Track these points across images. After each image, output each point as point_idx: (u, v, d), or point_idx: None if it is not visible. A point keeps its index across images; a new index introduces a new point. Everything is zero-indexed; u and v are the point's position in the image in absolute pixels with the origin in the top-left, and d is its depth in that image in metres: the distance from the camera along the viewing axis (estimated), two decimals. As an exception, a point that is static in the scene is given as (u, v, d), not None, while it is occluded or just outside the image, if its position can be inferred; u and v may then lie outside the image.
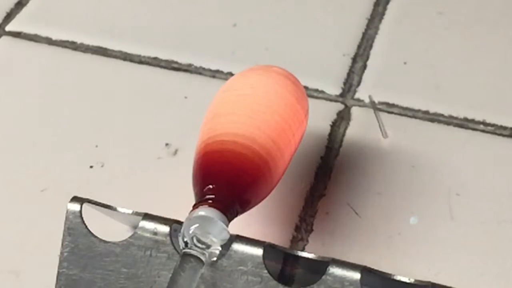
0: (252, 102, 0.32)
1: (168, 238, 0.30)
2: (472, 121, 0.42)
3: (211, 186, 0.30)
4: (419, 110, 0.42)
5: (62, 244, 0.31)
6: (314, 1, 0.49)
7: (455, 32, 0.47)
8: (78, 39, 0.47)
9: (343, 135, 0.41)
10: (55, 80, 0.45)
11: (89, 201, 0.31)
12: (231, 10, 0.49)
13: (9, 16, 0.49)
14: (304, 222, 0.37)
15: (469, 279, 0.34)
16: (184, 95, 0.43)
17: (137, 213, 0.30)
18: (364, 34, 0.47)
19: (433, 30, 0.47)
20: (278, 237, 0.36)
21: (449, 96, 0.43)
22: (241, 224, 0.31)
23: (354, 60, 0.45)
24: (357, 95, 0.43)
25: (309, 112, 0.35)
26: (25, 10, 0.49)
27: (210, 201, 0.29)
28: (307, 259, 0.30)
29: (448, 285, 0.28)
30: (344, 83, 0.44)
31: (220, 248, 0.28)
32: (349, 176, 0.39)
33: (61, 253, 0.31)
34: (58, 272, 0.31)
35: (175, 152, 0.40)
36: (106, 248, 0.30)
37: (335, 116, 0.42)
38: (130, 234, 0.30)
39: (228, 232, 0.28)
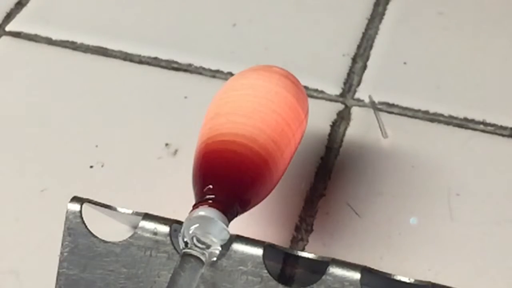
0: (252, 102, 0.32)
1: (168, 238, 0.30)
2: (472, 121, 0.42)
3: (211, 186, 0.30)
4: (419, 110, 0.42)
5: (62, 244, 0.31)
6: (314, 1, 0.49)
7: (455, 32, 0.47)
8: (78, 39, 0.47)
9: (343, 135, 0.41)
10: (55, 80, 0.45)
11: (89, 201, 0.31)
12: (231, 10, 0.49)
13: (9, 16, 0.49)
14: (304, 222, 0.37)
15: (469, 279, 0.34)
16: (184, 95, 0.43)
17: (137, 213, 0.30)
18: (364, 34, 0.47)
19: (433, 30, 0.47)
20: (278, 237, 0.36)
21: (449, 96, 0.43)
22: (241, 224, 0.31)
23: (354, 60, 0.45)
24: (357, 95, 0.43)
25: (309, 112, 0.35)
26: (25, 10, 0.49)
27: (210, 201, 0.29)
28: (307, 259, 0.30)
29: (448, 285, 0.28)
30: (344, 83, 0.44)
31: (220, 248, 0.28)
32: (349, 176, 0.39)
33: (61, 253, 0.31)
34: (58, 272, 0.31)
35: (175, 152, 0.40)
36: (106, 248, 0.30)
37: (335, 116, 0.42)
38: (130, 234, 0.30)
39: (228, 232, 0.28)
